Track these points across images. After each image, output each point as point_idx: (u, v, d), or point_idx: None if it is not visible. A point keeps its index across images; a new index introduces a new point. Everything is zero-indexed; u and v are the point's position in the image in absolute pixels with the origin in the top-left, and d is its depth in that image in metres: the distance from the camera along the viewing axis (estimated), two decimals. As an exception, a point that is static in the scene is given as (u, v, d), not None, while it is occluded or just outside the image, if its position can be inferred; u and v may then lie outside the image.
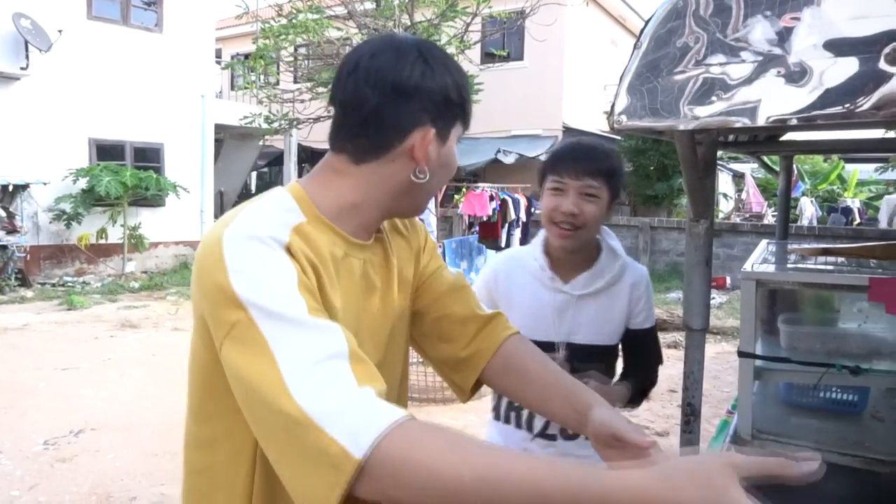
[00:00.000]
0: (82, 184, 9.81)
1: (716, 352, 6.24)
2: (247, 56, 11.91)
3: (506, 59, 12.97)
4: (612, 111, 1.13)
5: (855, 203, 14.29)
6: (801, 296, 1.81)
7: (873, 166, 15.01)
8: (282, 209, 0.84)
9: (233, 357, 0.74)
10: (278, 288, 0.75)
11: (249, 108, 11.29)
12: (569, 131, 14.12)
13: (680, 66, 1.08)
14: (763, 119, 1.02)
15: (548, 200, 1.49)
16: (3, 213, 9.09)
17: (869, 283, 1.35)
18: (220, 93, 15.30)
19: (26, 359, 5.79)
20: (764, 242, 2.13)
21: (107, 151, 10.47)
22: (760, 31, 1.04)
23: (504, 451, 0.69)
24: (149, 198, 10.42)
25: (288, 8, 7.86)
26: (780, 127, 1.11)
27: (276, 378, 0.69)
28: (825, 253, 1.78)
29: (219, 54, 15.80)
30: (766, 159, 2.85)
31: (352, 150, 0.88)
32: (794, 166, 2.66)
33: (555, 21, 12.01)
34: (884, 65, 0.95)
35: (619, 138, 12.11)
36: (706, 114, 1.06)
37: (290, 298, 0.74)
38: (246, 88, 11.26)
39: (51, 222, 9.82)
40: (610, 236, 1.59)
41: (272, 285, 0.75)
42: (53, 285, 9.50)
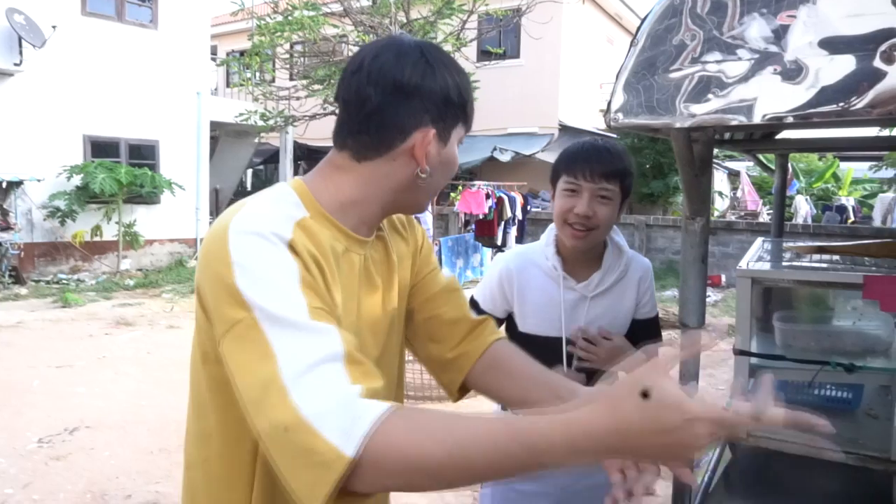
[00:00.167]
0: (77, 181, 9.78)
1: (711, 349, 6.26)
2: (242, 53, 11.87)
3: (502, 56, 12.96)
4: (608, 109, 1.13)
5: (849, 201, 14.34)
6: (796, 293, 1.82)
7: (868, 164, 15.08)
8: (285, 203, 0.86)
9: (233, 354, 0.75)
10: (281, 288, 0.76)
11: (245, 105, 11.24)
12: (565, 129, 14.13)
13: (676, 63, 1.08)
14: (759, 117, 1.02)
15: (561, 201, 1.50)
16: (-3, 211, 9.06)
17: (864, 281, 1.35)
18: (216, 90, 15.25)
19: (20, 357, 5.77)
20: (759, 240, 2.14)
21: (101, 148, 10.42)
22: (757, 28, 1.04)
23: (466, 420, 0.70)
24: (144, 195, 10.40)
25: (284, 4, 7.83)
26: (775, 124, 1.11)
27: (275, 380, 0.71)
28: (820, 251, 1.79)
29: (214, 51, 15.73)
30: (761, 157, 2.86)
31: (354, 147, 0.90)
32: (790, 165, 2.67)
33: (551, 19, 12.02)
34: (879, 63, 0.95)
35: (615, 136, 12.12)
36: (702, 111, 1.06)
37: (292, 299, 0.76)
38: (241, 85, 11.21)
39: (45, 219, 9.77)
40: (614, 231, 1.62)
41: (276, 285, 0.76)
42: (48, 283, 9.47)
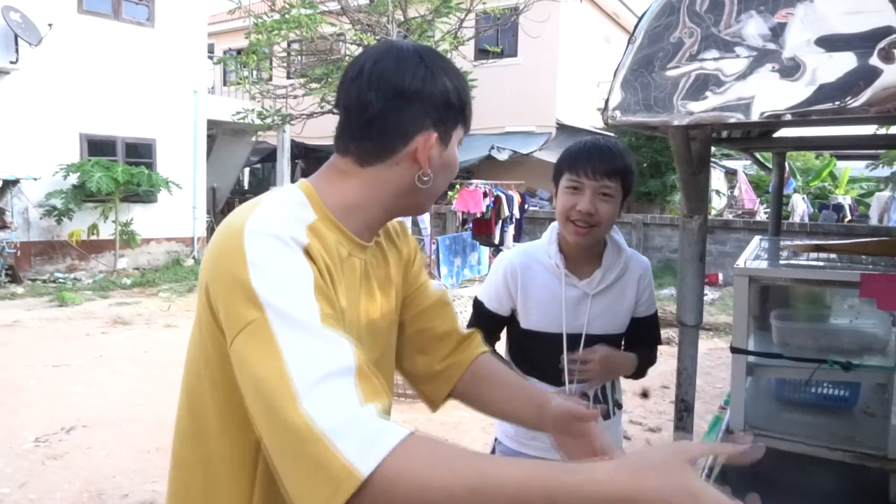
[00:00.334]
0: (73, 179, 9.75)
1: (708, 348, 6.27)
2: (239, 51, 11.85)
3: (499, 55, 12.97)
4: (606, 107, 1.13)
5: (846, 200, 14.36)
6: (793, 292, 1.82)
7: (864, 163, 15.08)
8: (296, 205, 0.87)
9: (245, 354, 0.75)
10: (296, 292, 0.76)
11: (242, 103, 11.24)
12: (562, 128, 14.13)
13: (674, 61, 1.08)
14: (757, 114, 1.02)
15: (564, 198, 1.54)
16: (-7, 209, 9.03)
17: (860, 279, 1.36)
18: (213, 88, 15.22)
19: (17, 355, 5.75)
20: (756, 239, 2.14)
21: (98, 147, 10.38)
22: (754, 26, 1.04)
23: (491, 460, 0.72)
24: (140, 194, 10.37)
25: (281, 3, 7.82)
26: (773, 122, 1.11)
27: (285, 384, 0.70)
28: (817, 249, 1.79)
29: (211, 49, 15.70)
30: (758, 156, 2.86)
31: (357, 153, 0.91)
32: (787, 163, 2.67)
33: (548, 18, 12.02)
34: (876, 61, 0.95)
35: (612, 135, 12.13)
36: (700, 109, 1.06)
37: (307, 304, 0.76)
38: (238, 84, 11.20)
39: (41, 218, 9.74)
40: (613, 230, 1.65)
41: (291, 288, 0.76)
42: (44, 281, 9.44)
